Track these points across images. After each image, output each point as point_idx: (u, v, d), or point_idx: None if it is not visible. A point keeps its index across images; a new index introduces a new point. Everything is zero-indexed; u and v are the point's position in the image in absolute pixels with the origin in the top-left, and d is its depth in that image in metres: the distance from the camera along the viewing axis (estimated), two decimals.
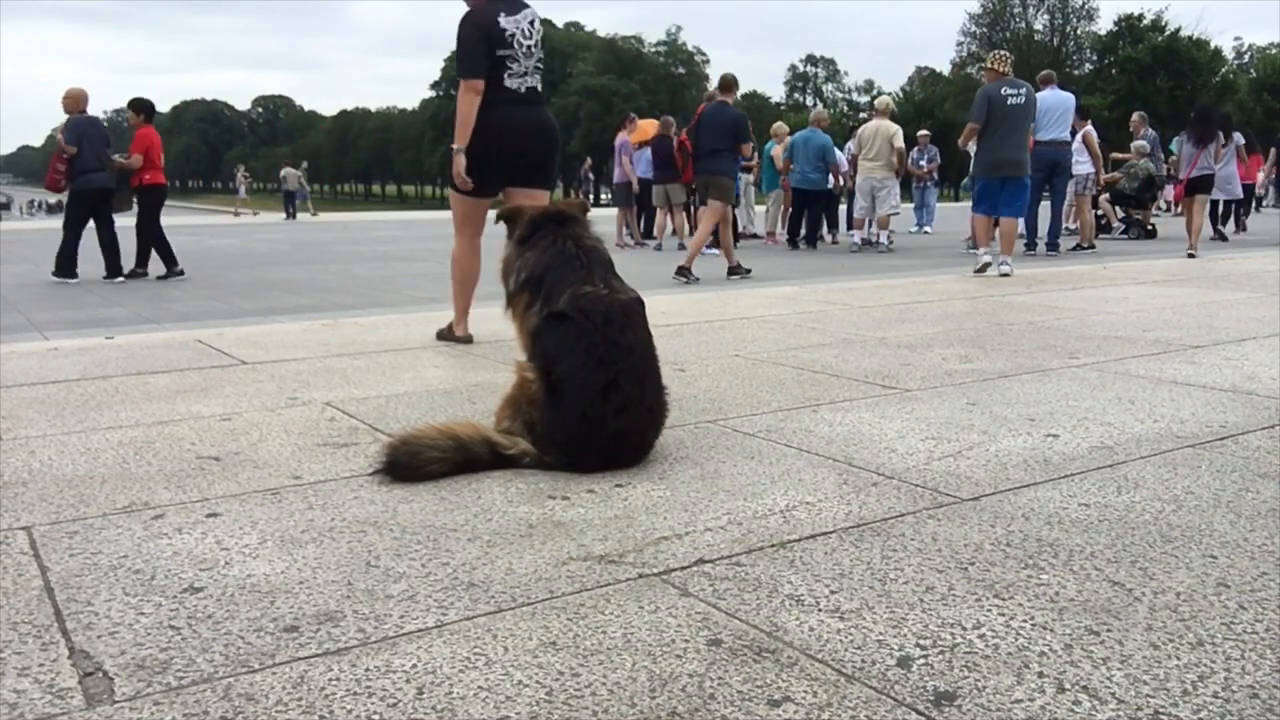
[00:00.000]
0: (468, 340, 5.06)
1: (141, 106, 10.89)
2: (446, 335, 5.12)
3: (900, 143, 13.41)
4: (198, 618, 1.81)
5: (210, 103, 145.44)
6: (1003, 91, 8.53)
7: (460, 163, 4.68)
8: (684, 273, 9.10)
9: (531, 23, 4.77)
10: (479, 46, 4.62)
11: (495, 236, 3.70)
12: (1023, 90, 8.56)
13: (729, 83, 9.93)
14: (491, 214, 4.31)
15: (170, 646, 1.70)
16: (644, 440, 2.81)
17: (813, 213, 14.15)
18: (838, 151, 14.39)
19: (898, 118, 14.16)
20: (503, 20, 4.66)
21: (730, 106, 9.59)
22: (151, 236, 10.71)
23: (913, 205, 18.32)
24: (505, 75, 4.66)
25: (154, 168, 10.83)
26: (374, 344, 5.02)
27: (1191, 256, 10.23)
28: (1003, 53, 9.62)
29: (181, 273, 10.58)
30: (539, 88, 4.83)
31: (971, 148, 9.35)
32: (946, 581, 1.95)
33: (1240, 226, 16.43)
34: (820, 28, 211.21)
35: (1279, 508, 2.36)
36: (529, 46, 4.73)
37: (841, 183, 14.71)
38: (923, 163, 17.44)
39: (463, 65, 4.66)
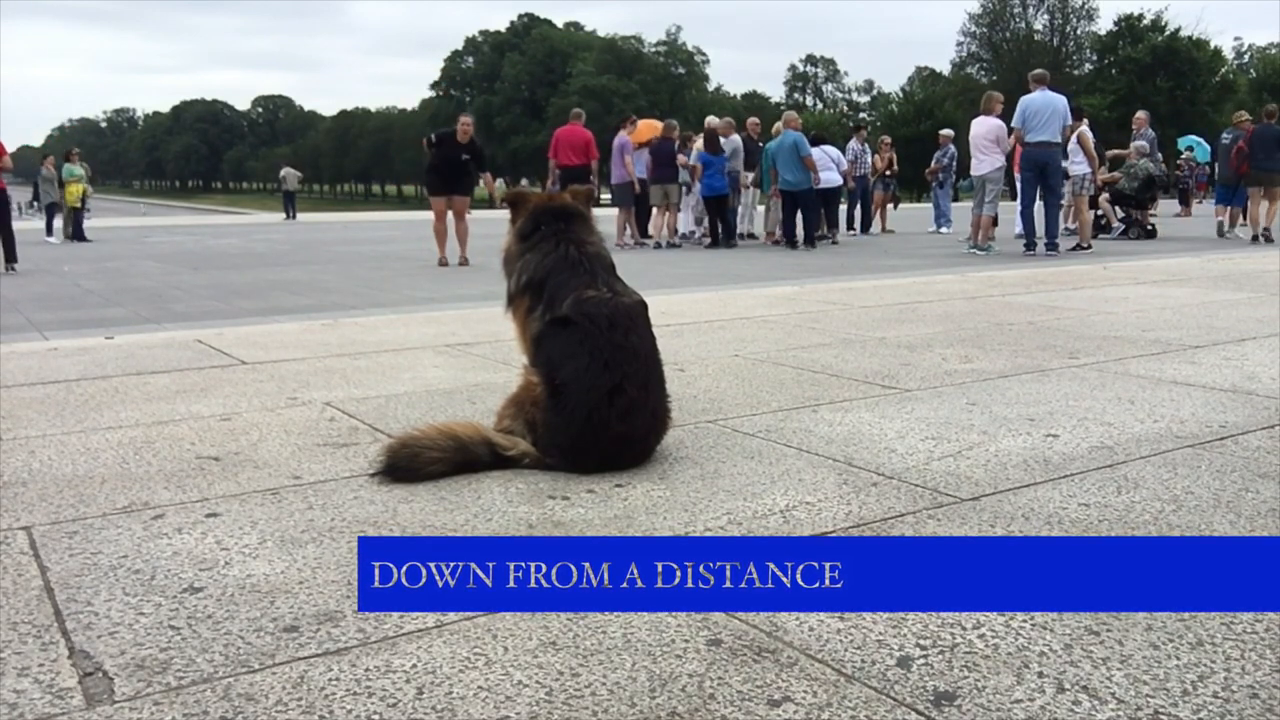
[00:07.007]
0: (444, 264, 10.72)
1: None
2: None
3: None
4: (198, 618, 1.81)
5: (210, 103, 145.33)
6: None
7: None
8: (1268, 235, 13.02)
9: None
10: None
11: (493, 234, 3.70)
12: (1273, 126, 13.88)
13: (1273, 111, 13.73)
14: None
15: (170, 646, 1.70)
16: (646, 444, 2.80)
17: (806, 212, 14.15)
18: (837, 151, 14.92)
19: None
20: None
21: (1275, 124, 13.48)
22: None
23: (930, 204, 18.77)
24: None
25: None
26: (374, 344, 5.02)
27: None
28: (1271, 107, 14.21)
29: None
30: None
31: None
32: None
33: None
34: (820, 28, 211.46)
35: (1279, 508, 2.36)
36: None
37: (851, 182, 16.75)
38: (944, 159, 17.59)
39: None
